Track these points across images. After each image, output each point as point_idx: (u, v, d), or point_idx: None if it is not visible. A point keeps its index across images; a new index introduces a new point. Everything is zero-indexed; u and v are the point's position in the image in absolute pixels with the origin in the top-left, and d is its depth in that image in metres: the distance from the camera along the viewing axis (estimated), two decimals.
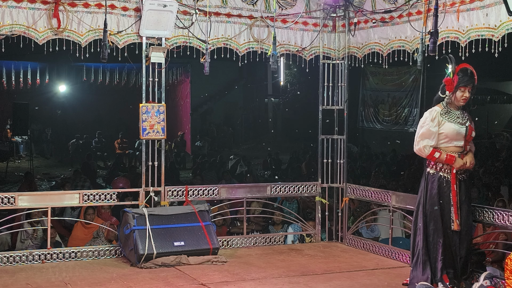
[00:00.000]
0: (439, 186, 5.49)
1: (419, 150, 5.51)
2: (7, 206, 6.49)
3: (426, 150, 5.47)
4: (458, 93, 5.46)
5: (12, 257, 6.44)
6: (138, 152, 17.58)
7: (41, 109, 22.87)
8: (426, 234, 5.51)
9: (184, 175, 16.72)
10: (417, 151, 5.54)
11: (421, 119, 5.61)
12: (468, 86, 5.45)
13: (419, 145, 5.50)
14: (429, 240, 5.50)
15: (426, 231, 5.51)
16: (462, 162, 5.47)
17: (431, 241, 5.49)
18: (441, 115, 5.49)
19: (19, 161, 20.63)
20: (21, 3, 6.29)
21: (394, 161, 16.85)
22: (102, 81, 20.60)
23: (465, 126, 5.51)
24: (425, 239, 5.51)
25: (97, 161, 19.41)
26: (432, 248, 5.48)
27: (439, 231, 5.46)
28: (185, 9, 6.95)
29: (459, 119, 5.52)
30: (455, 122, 5.49)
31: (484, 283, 5.28)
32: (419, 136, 5.51)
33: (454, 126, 5.46)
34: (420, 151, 5.51)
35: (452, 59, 5.53)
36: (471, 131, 5.55)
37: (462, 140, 5.50)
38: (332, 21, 7.66)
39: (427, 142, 5.47)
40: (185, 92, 23.17)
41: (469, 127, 5.53)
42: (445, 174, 5.49)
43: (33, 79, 19.64)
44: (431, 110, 5.57)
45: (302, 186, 7.85)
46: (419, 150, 5.51)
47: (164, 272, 6.20)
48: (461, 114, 5.54)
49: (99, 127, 23.28)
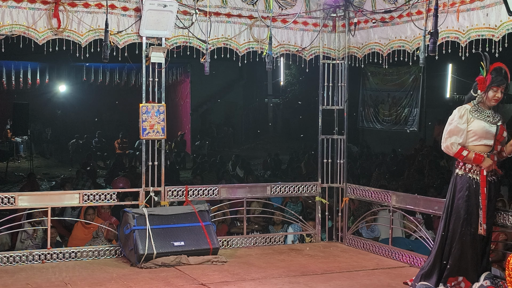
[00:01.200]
0: (469, 189, 5.30)
1: (446, 147, 5.33)
2: (7, 206, 6.49)
3: (454, 148, 5.28)
4: (490, 93, 5.29)
5: (12, 257, 6.44)
6: (138, 152, 17.58)
7: (41, 109, 22.87)
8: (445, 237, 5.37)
9: (184, 175, 16.72)
10: (444, 149, 5.37)
11: (450, 116, 5.42)
12: (501, 86, 5.28)
13: (446, 142, 5.32)
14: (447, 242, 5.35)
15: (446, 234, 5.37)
16: (490, 162, 5.28)
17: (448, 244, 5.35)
18: (471, 113, 5.31)
19: (19, 161, 20.63)
20: (21, 3, 6.29)
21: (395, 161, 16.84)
22: (102, 81, 20.60)
23: (496, 125, 5.31)
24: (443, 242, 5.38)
25: (97, 161, 19.40)
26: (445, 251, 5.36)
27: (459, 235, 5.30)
28: (185, 9, 6.95)
29: (489, 117, 5.33)
30: (485, 120, 5.31)
31: (484, 283, 5.28)
32: (447, 133, 5.34)
33: (484, 124, 5.28)
34: (448, 148, 5.32)
35: (486, 57, 5.35)
36: (503, 130, 5.35)
37: (492, 139, 5.30)
38: (332, 21, 7.67)
39: (455, 139, 5.29)
40: (185, 92, 23.17)
41: (500, 126, 5.33)
42: (474, 176, 5.31)
43: (33, 79, 19.64)
44: (460, 107, 5.39)
45: (302, 186, 7.85)
46: (446, 147, 5.33)
47: (164, 272, 6.20)
48: (492, 114, 5.35)
49: (99, 127, 23.28)
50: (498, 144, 5.36)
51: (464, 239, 5.29)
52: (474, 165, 5.29)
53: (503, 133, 5.35)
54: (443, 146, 5.37)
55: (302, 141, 21.75)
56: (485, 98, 5.33)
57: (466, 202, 5.29)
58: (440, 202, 6.38)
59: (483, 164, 5.26)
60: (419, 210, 7.10)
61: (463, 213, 5.29)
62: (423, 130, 20.02)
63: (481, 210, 5.24)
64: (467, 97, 5.47)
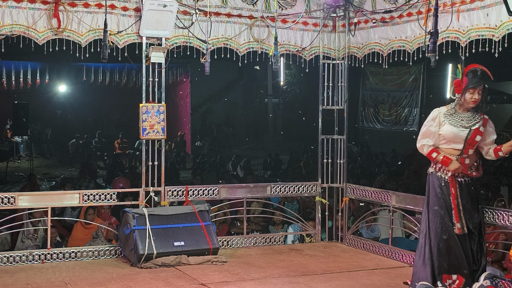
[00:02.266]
0: (440, 187, 5.43)
1: (419, 148, 5.56)
2: (7, 206, 6.48)
3: (425, 149, 5.50)
4: (467, 95, 5.31)
5: (12, 257, 6.44)
6: (138, 152, 17.58)
7: (41, 109, 22.87)
8: (429, 234, 5.44)
9: (184, 175, 16.72)
10: (418, 148, 5.58)
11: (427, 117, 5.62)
12: (477, 88, 5.27)
13: (419, 143, 5.54)
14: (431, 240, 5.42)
15: (429, 231, 5.45)
16: (457, 165, 5.34)
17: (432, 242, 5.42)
18: (444, 116, 5.41)
19: (19, 161, 20.63)
20: (21, 3, 6.29)
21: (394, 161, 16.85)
22: (102, 81, 20.60)
23: (469, 129, 5.33)
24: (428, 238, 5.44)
25: (97, 161, 19.41)
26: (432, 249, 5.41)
27: (439, 232, 5.38)
28: (185, 9, 6.95)
29: (463, 121, 5.36)
30: (457, 124, 5.35)
31: (484, 283, 5.28)
32: (420, 135, 5.54)
33: (453, 128, 5.34)
34: (420, 149, 5.55)
35: (461, 60, 5.46)
36: (476, 134, 5.34)
37: (462, 143, 5.35)
38: (332, 21, 7.67)
39: (426, 141, 5.48)
40: (185, 92, 23.16)
41: (474, 130, 5.33)
42: (443, 175, 5.44)
43: (33, 79, 19.64)
44: (435, 110, 5.53)
45: (302, 186, 7.85)
46: (419, 148, 5.56)
47: (164, 272, 6.20)
48: (471, 116, 5.36)
49: (99, 127, 23.28)
50: (471, 148, 5.38)
51: (445, 237, 5.36)
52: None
53: (475, 137, 5.34)
54: (417, 146, 5.57)
55: (302, 141, 21.76)
56: (463, 101, 5.36)
57: (439, 200, 5.42)
58: None
59: (449, 167, 5.37)
60: (419, 210, 7.08)
61: (439, 210, 5.40)
62: None
63: (453, 210, 5.35)
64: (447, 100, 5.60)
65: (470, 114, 5.39)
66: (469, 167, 5.42)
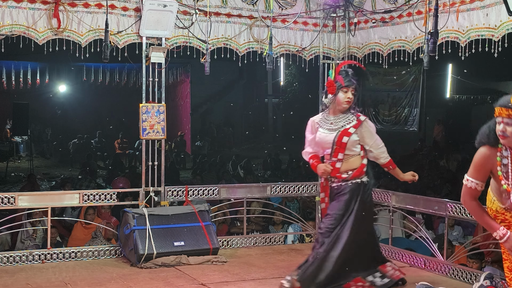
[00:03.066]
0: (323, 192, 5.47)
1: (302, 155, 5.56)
2: (7, 206, 6.48)
3: (305, 157, 5.48)
4: (340, 95, 5.14)
5: (12, 257, 6.43)
6: (138, 152, 17.59)
7: (41, 109, 22.87)
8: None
9: (184, 175, 16.72)
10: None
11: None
12: (350, 87, 5.13)
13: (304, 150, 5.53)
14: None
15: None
16: (322, 169, 5.20)
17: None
18: (318, 123, 5.36)
19: (19, 161, 20.64)
20: (21, 3, 6.29)
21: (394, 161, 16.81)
22: (102, 81, 20.60)
23: (335, 132, 5.17)
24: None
25: (97, 161, 19.41)
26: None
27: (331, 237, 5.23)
28: (185, 9, 6.96)
29: (332, 125, 5.22)
30: (326, 128, 5.25)
31: (484, 283, 5.28)
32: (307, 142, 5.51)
33: (321, 133, 5.29)
34: (303, 156, 5.54)
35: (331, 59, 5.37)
36: (342, 136, 5.14)
37: (330, 147, 5.22)
38: (332, 21, 7.67)
39: (307, 149, 5.47)
40: (185, 92, 23.17)
41: (341, 131, 5.16)
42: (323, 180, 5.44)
43: (33, 79, 19.64)
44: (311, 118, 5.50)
45: (302, 186, 7.85)
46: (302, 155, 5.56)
47: (164, 272, 6.20)
48: (341, 118, 5.20)
49: (99, 127, 23.28)
50: (341, 151, 5.18)
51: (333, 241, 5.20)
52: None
53: (342, 139, 5.16)
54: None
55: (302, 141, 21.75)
56: (336, 102, 5.19)
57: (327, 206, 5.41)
58: (440, 202, 6.39)
59: (317, 172, 5.34)
60: (419, 210, 7.10)
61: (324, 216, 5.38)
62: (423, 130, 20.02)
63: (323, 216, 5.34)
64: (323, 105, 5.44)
65: (341, 116, 5.21)
66: (345, 172, 5.21)
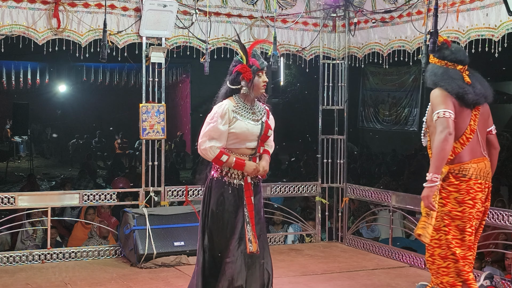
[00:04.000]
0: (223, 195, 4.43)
1: (204, 151, 4.41)
2: (7, 206, 6.49)
3: (212, 152, 4.38)
4: (257, 79, 4.45)
5: (12, 257, 6.44)
6: (138, 152, 17.58)
7: (41, 109, 22.86)
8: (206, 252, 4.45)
9: (184, 175, 16.72)
10: (201, 152, 4.45)
11: (209, 114, 4.55)
12: (264, 69, 4.51)
13: (204, 145, 4.41)
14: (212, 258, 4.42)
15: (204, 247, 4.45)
16: (254, 166, 4.41)
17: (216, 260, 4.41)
18: (233, 112, 4.42)
19: (19, 161, 20.63)
20: (21, 3, 6.29)
21: (395, 161, 16.84)
22: (102, 81, 20.59)
23: (261, 122, 4.51)
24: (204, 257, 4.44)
25: (97, 161, 19.40)
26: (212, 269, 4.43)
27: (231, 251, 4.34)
28: (185, 9, 6.96)
29: (254, 115, 4.50)
30: (249, 119, 4.45)
31: (484, 283, 5.28)
32: (204, 135, 4.43)
33: (247, 124, 4.42)
34: (205, 152, 4.40)
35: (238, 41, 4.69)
36: (268, 129, 4.54)
37: (256, 140, 4.49)
38: (332, 21, 7.67)
39: (214, 143, 4.38)
40: (185, 92, 23.16)
41: (265, 123, 4.53)
42: (235, 181, 4.43)
43: (33, 79, 19.63)
44: (220, 104, 4.50)
45: (302, 186, 7.85)
46: (204, 151, 4.41)
47: (164, 272, 6.20)
48: (257, 108, 4.54)
49: (99, 127, 23.27)
50: (262, 145, 4.56)
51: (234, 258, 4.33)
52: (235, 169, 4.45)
53: (268, 132, 4.55)
54: (199, 149, 4.46)
55: (302, 141, 21.75)
56: (252, 88, 4.45)
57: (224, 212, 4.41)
58: None
59: (245, 170, 4.41)
60: (419, 210, 7.08)
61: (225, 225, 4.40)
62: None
63: (249, 225, 4.36)
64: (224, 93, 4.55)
65: (256, 105, 4.56)
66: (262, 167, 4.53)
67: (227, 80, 4.55)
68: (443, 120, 4.21)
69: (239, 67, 4.50)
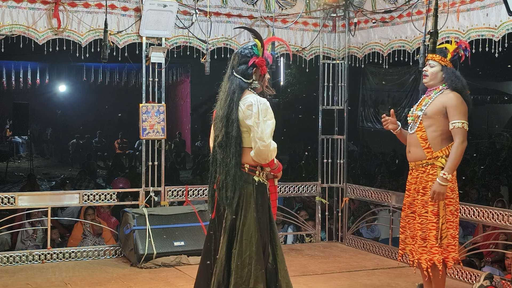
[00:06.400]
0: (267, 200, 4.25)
1: (273, 151, 4.03)
2: (7, 206, 6.49)
3: (274, 153, 4.05)
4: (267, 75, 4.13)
5: (12, 257, 6.44)
6: (138, 152, 17.57)
7: (41, 109, 22.86)
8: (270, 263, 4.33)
9: (184, 175, 16.71)
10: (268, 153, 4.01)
11: (255, 112, 3.91)
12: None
13: (273, 145, 3.99)
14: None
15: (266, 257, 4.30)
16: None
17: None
18: None
19: (19, 161, 20.63)
20: (21, 3, 6.29)
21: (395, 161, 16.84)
22: (102, 81, 20.58)
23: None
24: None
25: (97, 161, 19.40)
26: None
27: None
28: (185, 9, 6.96)
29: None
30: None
31: (484, 283, 5.29)
32: (269, 134, 3.93)
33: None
34: (273, 152, 4.04)
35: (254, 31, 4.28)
36: None
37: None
38: (332, 21, 7.67)
39: (273, 142, 4.01)
40: (185, 92, 23.15)
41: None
42: (266, 182, 4.24)
43: (33, 79, 19.60)
44: (259, 99, 3.96)
45: (302, 186, 7.85)
46: (273, 151, 4.03)
47: (164, 272, 6.20)
48: None
49: (99, 127, 23.27)
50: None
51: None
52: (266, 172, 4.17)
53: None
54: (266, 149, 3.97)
55: (302, 141, 21.75)
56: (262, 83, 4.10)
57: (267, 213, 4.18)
58: None
59: (279, 174, 4.32)
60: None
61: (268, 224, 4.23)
62: None
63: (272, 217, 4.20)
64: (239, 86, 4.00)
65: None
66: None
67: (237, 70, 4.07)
68: (465, 132, 4.64)
69: (258, 60, 4.00)
